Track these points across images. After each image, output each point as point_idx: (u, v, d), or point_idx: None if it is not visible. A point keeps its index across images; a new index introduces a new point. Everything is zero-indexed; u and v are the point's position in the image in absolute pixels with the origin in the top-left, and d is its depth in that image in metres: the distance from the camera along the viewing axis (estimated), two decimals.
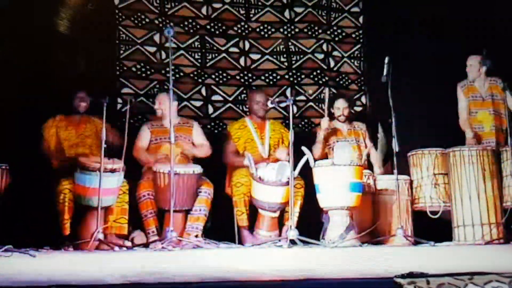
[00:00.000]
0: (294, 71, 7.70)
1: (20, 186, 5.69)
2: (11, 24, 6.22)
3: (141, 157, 6.32)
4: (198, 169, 6.05)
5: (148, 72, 7.25)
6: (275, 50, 7.72)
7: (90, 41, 6.81)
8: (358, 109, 7.67)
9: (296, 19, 7.80)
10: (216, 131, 7.33)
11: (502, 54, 6.59)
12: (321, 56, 7.76)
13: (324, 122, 6.62)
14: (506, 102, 6.45)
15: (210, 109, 7.42)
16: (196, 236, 5.95)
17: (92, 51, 6.82)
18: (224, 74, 7.53)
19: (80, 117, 6.29)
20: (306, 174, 6.06)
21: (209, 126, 7.32)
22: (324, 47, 7.79)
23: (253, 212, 6.24)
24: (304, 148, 5.93)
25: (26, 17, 6.33)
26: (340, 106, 6.83)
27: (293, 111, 5.99)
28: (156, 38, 7.33)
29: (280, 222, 6.25)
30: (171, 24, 7.18)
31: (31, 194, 5.81)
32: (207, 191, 6.10)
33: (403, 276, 2.93)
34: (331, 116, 6.86)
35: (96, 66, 6.83)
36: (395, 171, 5.93)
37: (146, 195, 6.02)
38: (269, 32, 7.74)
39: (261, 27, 7.72)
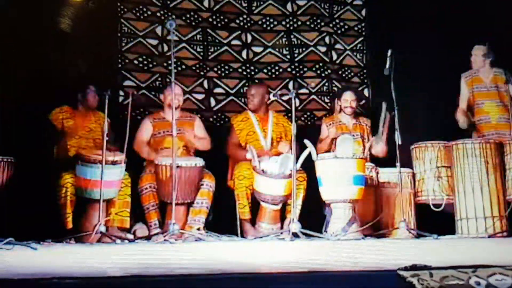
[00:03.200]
0: (296, 64, 7.68)
1: (22, 178, 5.69)
2: (13, 22, 6.22)
3: (142, 152, 6.32)
4: (200, 162, 6.04)
5: (150, 65, 7.24)
6: (277, 43, 7.70)
7: (92, 34, 6.79)
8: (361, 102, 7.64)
9: (299, 12, 7.78)
10: (218, 124, 7.32)
11: (505, 45, 6.58)
12: (323, 49, 7.74)
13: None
14: (510, 94, 6.43)
15: (212, 102, 7.40)
16: (198, 229, 5.95)
17: (94, 44, 6.81)
18: (226, 67, 7.51)
19: (86, 110, 6.29)
20: (308, 167, 6.06)
21: (211, 119, 7.31)
22: (327, 40, 7.77)
23: (255, 205, 6.24)
24: (306, 141, 5.93)
25: (27, 15, 6.33)
26: (348, 98, 6.82)
27: (295, 104, 5.97)
28: (158, 30, 7.31)
29: (282, 215, 6.25)
30: (173, 16, 7.21)
31: (33, 187, 5.80)
32: (209, 184, 6.10)
33: (406, 269, 2.93)
34: (338, 109, 6.89)
35: (98, 59, 6.82)
36: (398, 164, 5.92)
37: (148, 188, 6.03)
38: (271, 25, 7.72)
39: (263, 20, 7.70)
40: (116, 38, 7.16)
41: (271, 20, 7.72)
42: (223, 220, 6.30)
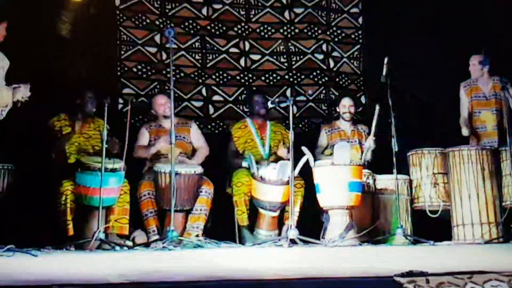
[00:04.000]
0: (294, 72, 7.72)
1: (22, 186, 5.70)
2: (13, 22, 6.24)
3: (143, 155, 6.35)
4: (198, 169, 6.07)
5: (149, 73, 7.28)
6: (275, 50, 7.74)
7: (92, 42, 6.83)
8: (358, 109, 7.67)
9: (296, 20, 7.83)
10: (216, 132, 7.35)
11: (502, 52, 6.61)
12: (320, 56, 7.78)
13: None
14: (506, 101, 6.45)
15: (211, 109, 7.44)
16: (197, 235, 5.96)
17: (94, 52, 6.84)
18: (225, 75, 7.55)
19: (85, 117, 6.31)
20: (306, 174, 6.08)
21: (209, 126, 7.34)
22: (324, 47, 7.81)
23: (253, 211, 6.25)
24: (304, 148, 5.95)
25: (28, 20, 6.35)
26: (346, 104, 6.86)
27: (293, 111, 6.00)
28: (157, 38, 7.36)
29: (280, 221, 6.27)
30: (172, 24, 7.25)
31: (34, 194, 5.82)
32: (207, 190, 6.12)
33: (403, 275, 2.94)
34: (337, 116, 6.91)
35: (98, 67, 6.85)
36: (395, 170, 5.94)
37: (147, 195, 6.04)
38: (269, 33, 7.76)
39: (261, 28, 7.74)
40: (115, 46, 7.20)
41: (269, 28, 7.76)
42: (221, 227, 6.31)
